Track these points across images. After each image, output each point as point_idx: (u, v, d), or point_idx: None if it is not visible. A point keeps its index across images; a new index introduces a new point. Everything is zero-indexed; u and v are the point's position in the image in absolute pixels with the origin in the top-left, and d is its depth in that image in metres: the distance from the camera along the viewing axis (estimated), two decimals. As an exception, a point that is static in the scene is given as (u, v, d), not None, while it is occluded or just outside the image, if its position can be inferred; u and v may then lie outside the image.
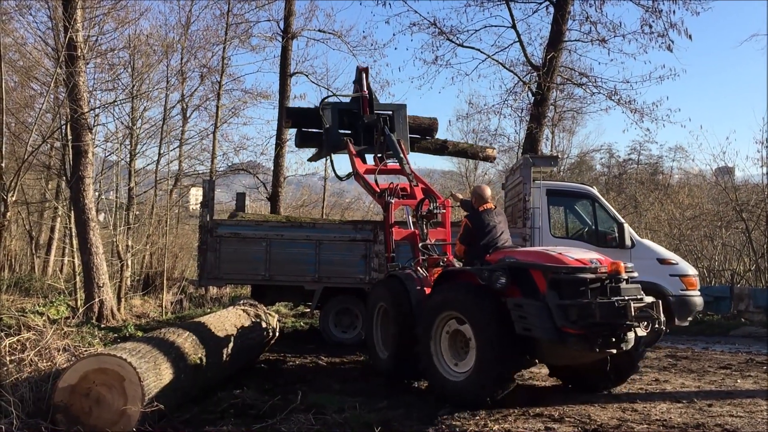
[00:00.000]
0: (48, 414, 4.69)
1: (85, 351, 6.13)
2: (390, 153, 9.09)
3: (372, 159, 9.41)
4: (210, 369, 6.27)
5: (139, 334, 9.43)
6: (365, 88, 9.63)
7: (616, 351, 5.70)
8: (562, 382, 6.95)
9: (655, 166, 33.59)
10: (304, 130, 10.21)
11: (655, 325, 5.73)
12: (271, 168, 17.75)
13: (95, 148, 13.53)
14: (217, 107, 19.41)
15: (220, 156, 20.04)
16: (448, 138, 11.96)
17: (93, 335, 8.73)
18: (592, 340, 5.52)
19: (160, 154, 17.58)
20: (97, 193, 14.46)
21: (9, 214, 9.34)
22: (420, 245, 7.75)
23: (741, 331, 12.81)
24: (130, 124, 16.14)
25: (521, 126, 17.46)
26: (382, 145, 9.20)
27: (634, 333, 5.72)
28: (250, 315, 8.23)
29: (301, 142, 10.44)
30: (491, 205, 7.02)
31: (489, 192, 7.20)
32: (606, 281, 5.78)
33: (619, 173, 33.36)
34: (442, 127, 23.03)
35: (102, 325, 10.80)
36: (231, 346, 6.97)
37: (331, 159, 10.27)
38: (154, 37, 17.07)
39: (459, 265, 7.15)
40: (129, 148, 16.28)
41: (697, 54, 73.16)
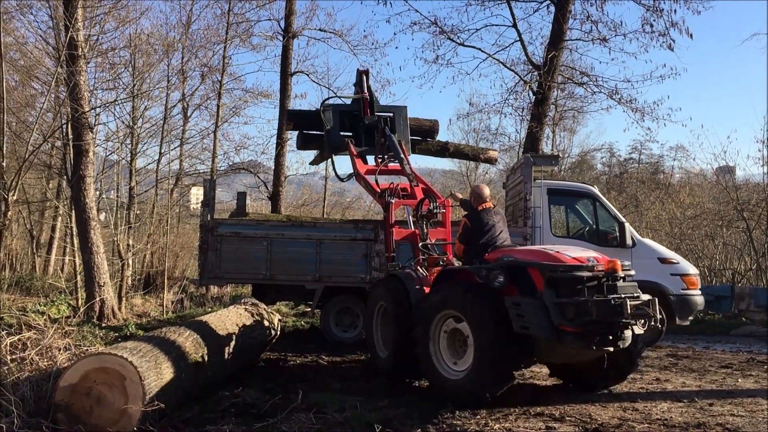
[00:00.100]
0: (49, 413, 4.70)
1: (86, 350, 6.15)
2: (391, 154, 9.11)
3: (373, 160, 9.42)
4: (211, 368, 6.28)
5: (140, 333, 9.43)
6: (366, 90, 9.66)
7: (613, 349, 5.71)
8: (562, 382, 6.95)
9: (656, 165, 33.63)
10: (305, 132, 10.24)
11: (651, 322, 5.74)
12: (272, 167, 17.74)
13: (96, 148, 13.55)
14: (218, 106, 19.43)
15: (220, 155, 20.10)
16: (449, 137, 11.99)
17: (94, 334, 8.73)
18: (589, 338, 5.53)
19: (160, 154, 17.62)
20: (98, 193, 14.47)
21: (10, 213, 9.33)
22: (420, 245, 7.77)
23: (742, 330, 12.81)
24: (131, 124, 16.17)
25: (522, 125, 17.51)
26: (383, 147, 9.22)
27: (632, 331, 5.73)
28: (251, 314, 8.23)
29: (302, 144, 10.48)
30: (490, 205, 7.03)
31: (488, 191, 7.20)
32: (603, 279, 5.79)
33: (620, 172, 33.37)
34: (442, 126, 23.11)
35: (103, 325, 10.80)
36: (232, 346, 6.97)
37: (332, 160, 10.28)
38: (155, 36, 17.09)
39: (458, 264, 7.16)
40: (130, 147, 16.33)
41: (698, 53, 73.18)
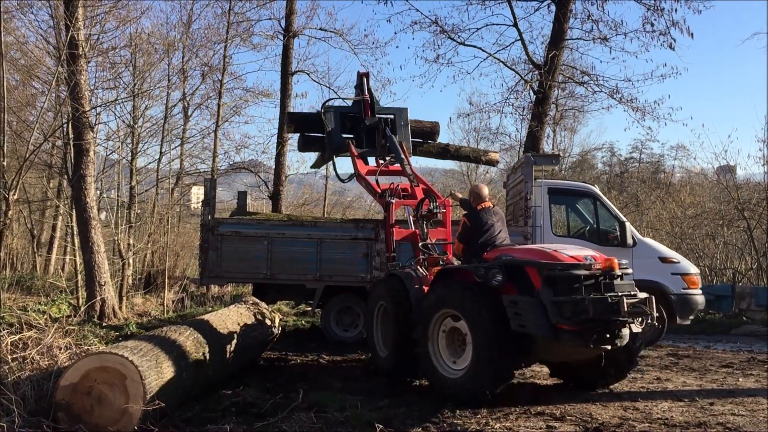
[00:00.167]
0: (49, 412, 4.70)
1: (86, 349, 6.16)
2: (392, 155, 9.13)
3: (374, 161, 9.45)
4: (211, 367, 6.28)
5: (141, 332, 9.43)
6: (366, 93, 9.71)
7: (610, 347, 5.72)
8: (563, 381, 6.95)
9: (657, 164, 33.54)
10: (306, 134, 10.26)
11: (648, 320, 5.74)
12: (273, 166, 17.77)
13: (97, 147, 13.55)
14: (219, 106, 19.42)
15: (221, 154, 20.09)
16: (449, 135, 12.03)
17: (94, 334, 8.73)
18: (586, 337, 5.54)
19: (161, 153, 17.59)
20: (98, 192, 14.47)
21: (11, 212, 9.34)
22: (420, 244, 7.78)
23: (742, 329, 12.81)
24: (132, 123, 16.16)
25: (523, 124, 17.49)
26: (384, 148, 9.25)
27: (629, 329, 5.74)
28: (252, 313, 8.23)
29: (303, 146, 10.51)
30: (489, 204, 7.05)
31: (487, 191, 7.22)
32: (600, 278, 5.80)
33: (620, 172, 33.30)
34: (442, 125, 23.11)
35: (103, 324, 10.80)
36: (233, 345, 6.97)
37: (333, 162, 10.28)
38: (156, 35, 17.12)
39: (458, 263, 7.16)
40: (130, 146, 16.32)
41: (699, 52, 72.98)
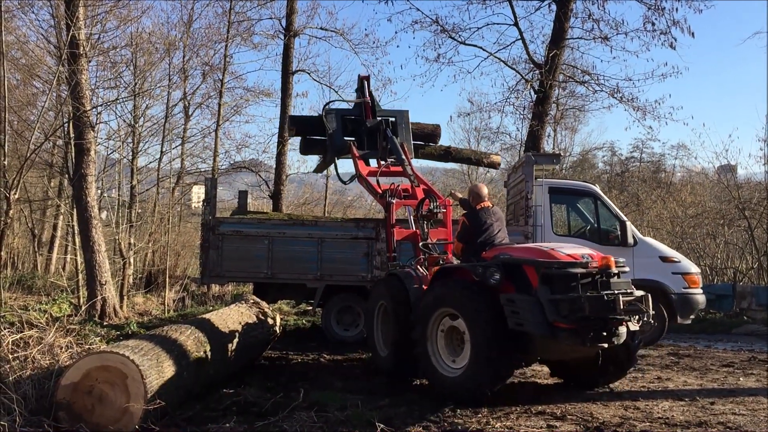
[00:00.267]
0: (50, 411, 4.71)
1: (87, 348, 6.16)
2: (393, 156, 9.15)
3: (375, 163, 9.48)
4: (212, 366, 6.28)
5: (142, 331, 9.43)
6: (367, 96, 9.75)
7: (607, 345, 5.72)
8: (563, 381, 6.95)
9: (658, 164, 33.47)
10: (308, 137, 10.28)
11: (645, 318, 5.74)
12: (273, 166, 17.76)
13: (97, 146, 13.55)
14: (219, 105, 19.43)
15: (222, 154, 20.09)
16: (450, 135, 12.04)
17: (95, 333, 8.74)
18: (583, 335, 5.54)
19: (162, 152, 17.57)
20: (99, 191, 14.45)
21: (12, 211, 9.35)
22: (420, 244, 7.79)
23: (743, 329, 12.81)
24: (133, 122, 16.14)
25: (523, 124, 17.42)
26: (385, 150, 9.29)
27: (626, 327, 5.73)
28: (253, 313, 8.23)
29: (305, 149, 10.53)
30: (488, 204, 7.06)
31: (486, 190, 7.23)
32: (597, 276, 5.80)
33: (621, 171, 33.22)
34: (443, 124, 23.10)
35: (104, 323, 10.80)
36: (233, 344, 6.97)
37: (335, 163, 10.30)
38: (156, 35, 17.12)
39: (457, 263, 7.16)
40: (131, 146, 16.30)
41: (700, 52, 72.84)
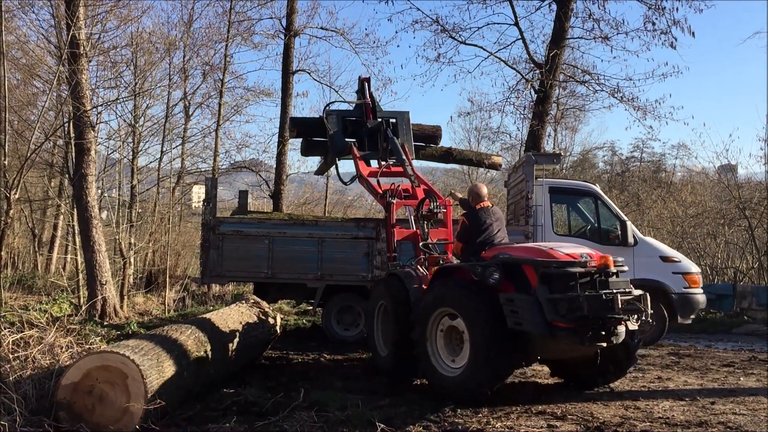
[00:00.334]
0: (51, 411, 4.71)
1: (87, 348, 6.16)
2: (393, 157, 9.15)
3: (376, 164, 9.49)
4: (213, 366, 6.28)
5: (142, 331, 9.44)
6: (368, 97, 9.78)
7: (606, 344, 5.72)
8: (564, 381, 6.95)
9: (658, 163, 33.46)
10: (309, 139, 10.29)
11: (643, 317, 5.74)
12: (274, 166, 17.75)
13: (98, 146, 13.56)
14: (220, 105, 19.42)
15: (222, 154, 20.08)
16: (450, 134, 12.06)
17: (96, 333, 8.75)
18: (582, 334, 5.54)
19: (162, 152, 17.58)
20: (99, 191, 14.46)
21: (12, 211, 9.34)
22: (421, 244, 7.80)
23: (744, 329, 12.81)
24: (133, 122, 16.15)
25: (524, 123, 17.40)
26: (386, 151, 9.30)
27: (625, 326, 5.73)
28: (253, 312, 8.23)
29: (306, 150, 10.54)
30: (488, 204, 7.07)
31: (485, 190, 7.24)
32: (595, 275, 5.81)
33: (621, 171, 33.23)
34: (443, 124, 23.12)
35: (105, 323, 10.80)
36: (234, 344, 6.98)
37: (336, 164, 10.30)
38: (157, 34, 17.13)
39: (457, 262, 7.16)
40: (131, 145, 16.32)
41: (700, 52, 73.01)
